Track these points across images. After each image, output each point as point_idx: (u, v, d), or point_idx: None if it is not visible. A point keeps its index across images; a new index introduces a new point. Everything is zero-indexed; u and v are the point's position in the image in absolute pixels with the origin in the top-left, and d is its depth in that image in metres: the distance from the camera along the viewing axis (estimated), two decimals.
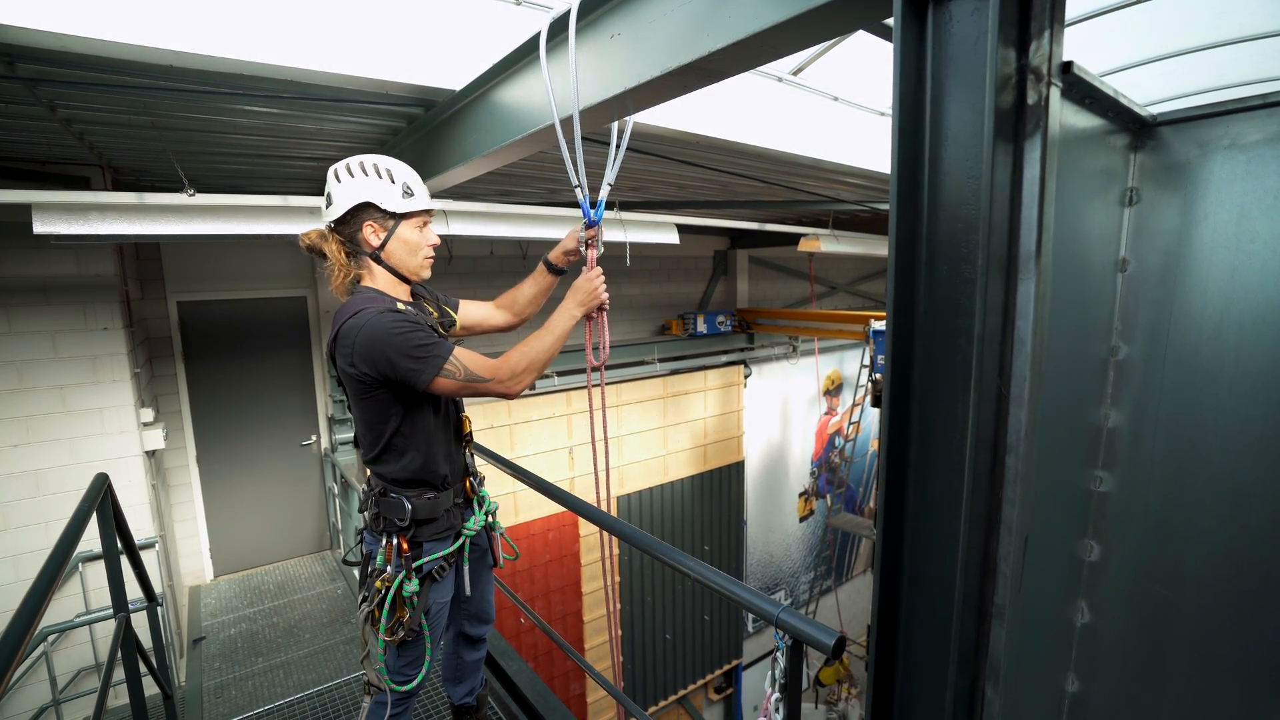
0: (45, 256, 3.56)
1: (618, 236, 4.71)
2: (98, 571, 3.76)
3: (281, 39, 1.94)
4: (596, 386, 1.96)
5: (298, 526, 5.45)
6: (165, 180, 3.92)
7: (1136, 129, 1.38)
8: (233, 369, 5.01)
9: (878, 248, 6.44)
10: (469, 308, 2.03)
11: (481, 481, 1.93)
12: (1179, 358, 1.40)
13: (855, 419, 8.68)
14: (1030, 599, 1.15)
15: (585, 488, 6.43)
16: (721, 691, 8.46)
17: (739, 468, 8.02)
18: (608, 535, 1.91)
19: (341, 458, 5.07)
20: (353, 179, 1.62)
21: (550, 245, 2.03)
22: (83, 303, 3.69)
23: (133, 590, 2.28)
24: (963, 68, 0.89)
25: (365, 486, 1.79)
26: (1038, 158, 0.89)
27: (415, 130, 2.75)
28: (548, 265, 2.00)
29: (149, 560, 3.77)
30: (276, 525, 5.35)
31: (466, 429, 1.88)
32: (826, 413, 9.36)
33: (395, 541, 1.68)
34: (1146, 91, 2.59)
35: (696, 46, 1.32)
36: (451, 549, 1.77)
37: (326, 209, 1.67)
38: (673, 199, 5.42)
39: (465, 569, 1.86)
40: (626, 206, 5.11)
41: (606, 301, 1.79)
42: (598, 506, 1.95)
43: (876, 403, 5.37)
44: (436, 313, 1.85)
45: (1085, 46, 2.42)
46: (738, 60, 1.36)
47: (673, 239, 5.12)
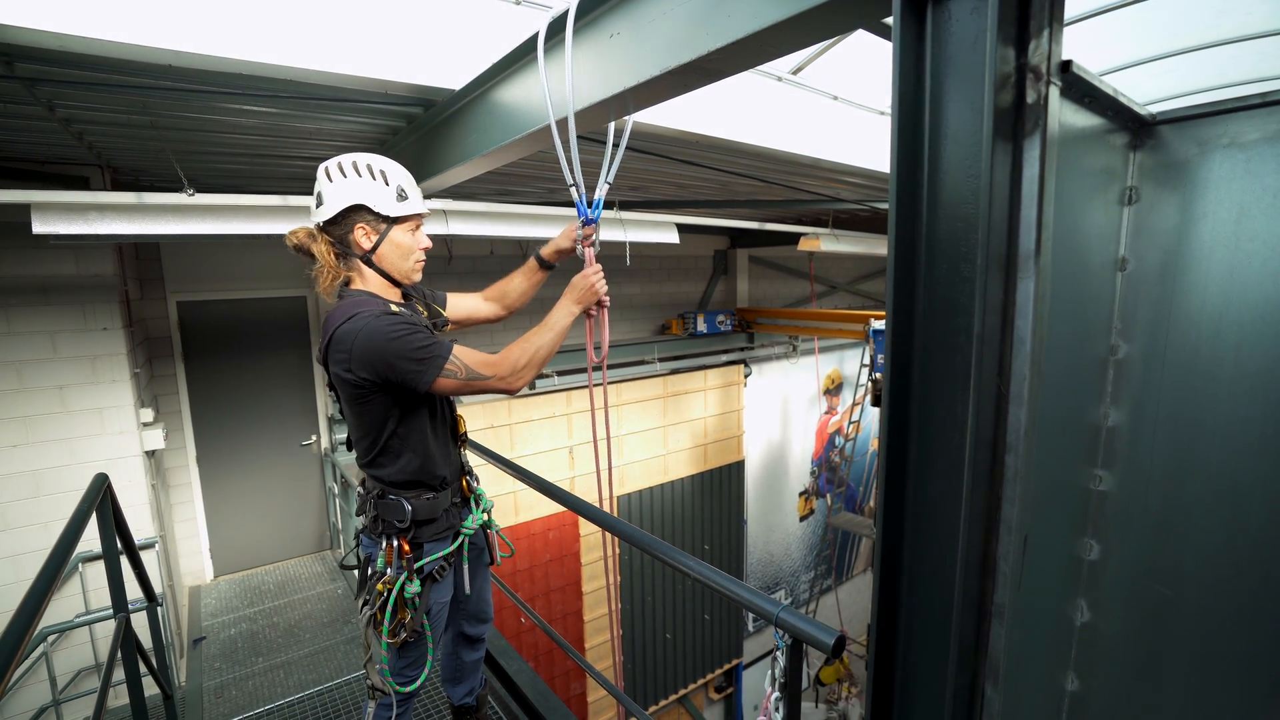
0: (44, 256, 3.57)
1: (617, 236, 4.70)
2: (97, 572, 3.76)
3: (281, 39, 1.94)
4: (598, 386, 1.95)
5: (298, 526, 5.45)
6: (164, 180, 3.92)
7: (1136, 128, 1.38)
8: (233, 369, 5.01)
9: (877, 247, 6.43)
10: (457, 301, 2.00)
11: (477, 480, 1.92)
12: (1178, 357, 1.40)
13: (855, 418, 8.69)
14: (1030, 598, 1.15)
15: (585, 487, 6.43)
16: (722, 691, 8.46)
17: (739, 467, 8.02)
18: (608, 535, 1.91)
19: (341, 458, 5.07)
20: (345, 179, 1.57)
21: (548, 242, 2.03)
22: (82, 303, 3.69)
23: (133, 590, 2.28)
24: (962, 67, 0.89)
25: (361, 489, 1.77)
26: (1037, 156, 0.89)
27: (415, 130, 2.75)
28: (539, 260, 1.98)
29: (149, 560, 3.78)
30: (276, 525, 5.35)
31: (462, 428, 1.88)
32: (826, 412, 9.36)
33: (396, 543, 1.67)
34: (1146, 90, 2.59)
35: (696, 45, 1.32)
36: (451, 549, 1.77)
37: (316, 209, 1.61)
38: (673, 198, 5.42)
39: (465, 568, 1.86)
40: (626, 206, 5.10)
41: (606, 298, 1.76)
42: (599, 506, 1.95)
43: (876, 402, 5.37)
44: (426, 312, 1.82)
45: (1084, 45, 2.42)
46: (737, 59, 1.36)
47: (673, 238, 5.12)
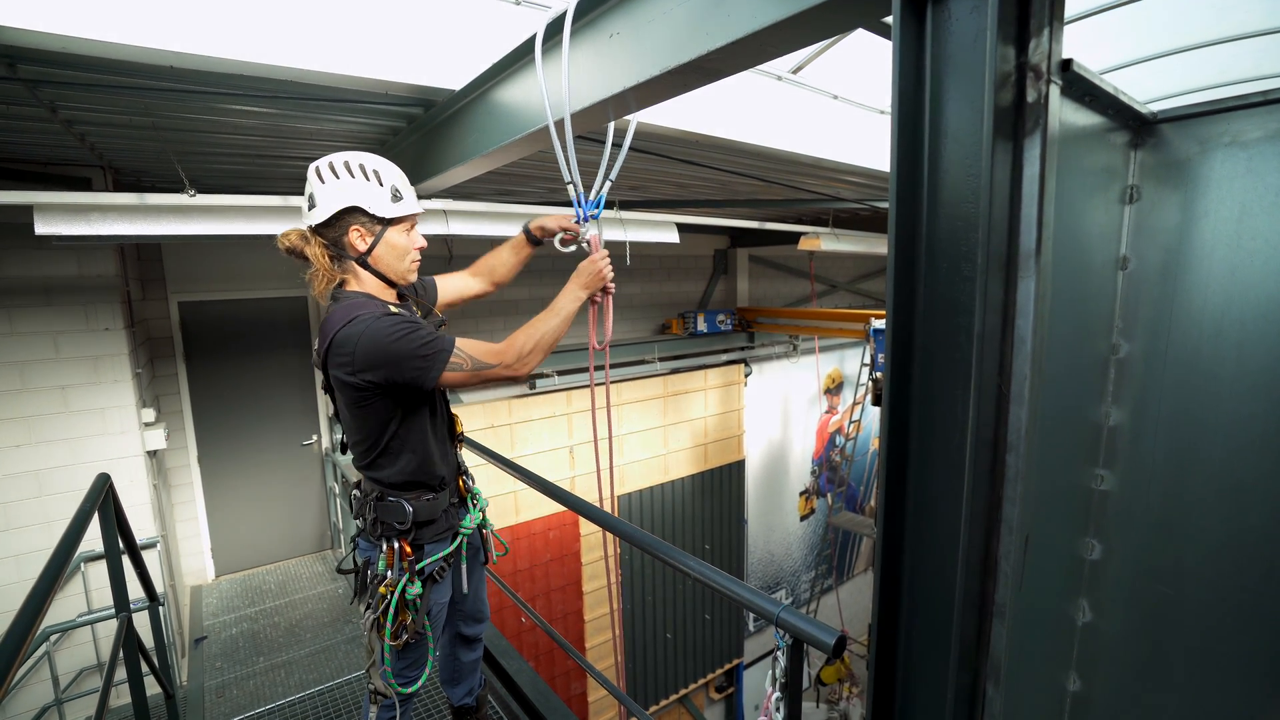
0: (47, 257, 3.57)
1: (618, 235, 4.70)
2: (99, 571, 3.77)
3: (282, 39, 1.94)
4: (600, 378, 1.95)
5: (299, 526, 5.46)
6: (166, 181, 3.93)
7: (1137, 126, 1.38)
8: (234, 369, 5.02)
9: (878, 246, 6.42)
10: (447, 283, 1.98)
11: (473, 479, 1.92)
12: (1180, 356, 1.40)
13: (856, 417, 8.68)
14: (1031, 597, 1.15)
15: (585, 487, 6.43)
16: (723, 691, 8.46)
17: (739, 466, 8.02)
18: (609, 534, 1.91)
19: (342, 457, 5.07)
20: (338, 180, 1.54)
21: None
22: (84, 303, 3.70)
23: (134, 590, 2.28)
24: (962, 66, 0.89)
25: (358, 492, 1.75)
26: (1037, 155, 0.89)
27: (415, 130, 2.75)
28: (528, 235, 1.98)
29: (150, 560, 3.78)
30: (278, 525, 5.36)
31: (459, 428, 1.88)
32: (827, 411, 9.35)
33: (397, 545, 1.66)
34: (1146, 89, 2.58)
35: (696, 45, 1.32)
36: (451, 549, 1.77)
37: (308, 211, 1.58)
38: (673, 198, 5.41)
39: (463, 568, 1.86)
40: (626, 206, 5.10)
41: (612, 285, 1.76)
42: (600, 505, 1.95)
43: (877, 401, 5.37)
44: (421, 312, 1.81)
45: (1085, 44, 2.42)
46: (737, 59, 1.35)
47: (673, 238, 5.12)
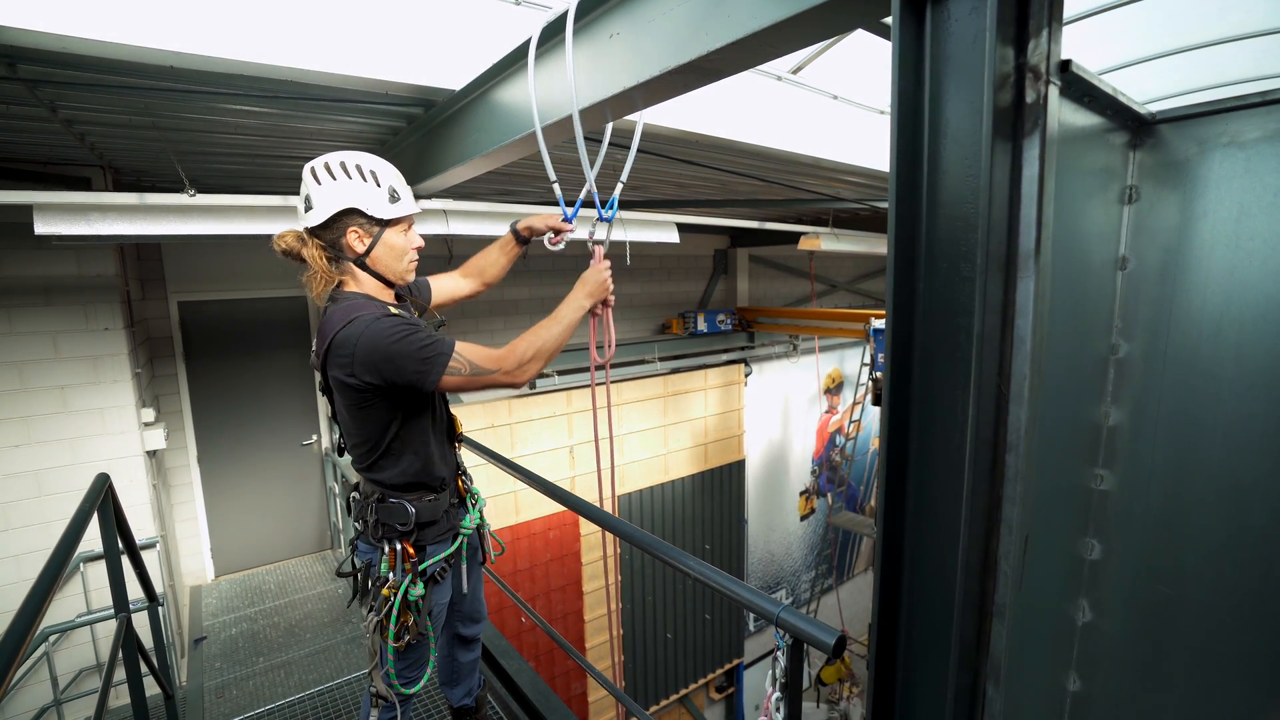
0: (46, 257, 3.57)
1: (617, 235, 4.70)
2: (99, 571, 3.77)
3: (282, 39, 1.94)
4: (601, 385, 1.95)
5: (298, 526, 5.46)
6: (166, 180, 3.93)
7: (1135, 127, 1.38)
8: (234, 369, 5.02)
9: (878, 246, 6.42)
10: (440, 284, 1.99)
11: (471, 479, 1.92)
12: (1179, 355, 1.40)
13: (856, 417, 8.68)
14: (1031, 597, 1.15)
15: (586, 487, 6.42)
16: (723, 691, 8.46)
17: (739, 466, 8.02)
18: (609, 534, 1.91)
19: (341, 458, 5.07)
20: (335, 181, 1.53)
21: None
22: (84, 303, 3.70)
23: (134, 590, 2.28)
24: (961, 66, 0.89)
25: (356, 494, 1.74)
26: (1036, 156, 0.89)
27: (415, 130, 2.75)
28: (515, 235, 2.00)
29: (150, 560, 3.78)
30: (277, 525, 5.35)
31: (459, 429, 1.88)
32: (827, 411, 9.35)
33: (399, 547, 1.65)
34: (1145, 89, 2.59)
35: (696, 45, 1.32)
36: (452, 549, 1.76)
37: (305, 212, 1.57)
38: (673, 198, 5.42)
39: (463, 568, 1.86)
40: (626, 206, 5.10)
41: (612, 297, 1.76)
42: (600, 505, 1.95)
43: (877, 401, 5.37)
44: (418, 312, 1.81)
45: (1084, 45, 2.42)
46: (737, 59, 1.36)
47: (673, 238, 5.12)
